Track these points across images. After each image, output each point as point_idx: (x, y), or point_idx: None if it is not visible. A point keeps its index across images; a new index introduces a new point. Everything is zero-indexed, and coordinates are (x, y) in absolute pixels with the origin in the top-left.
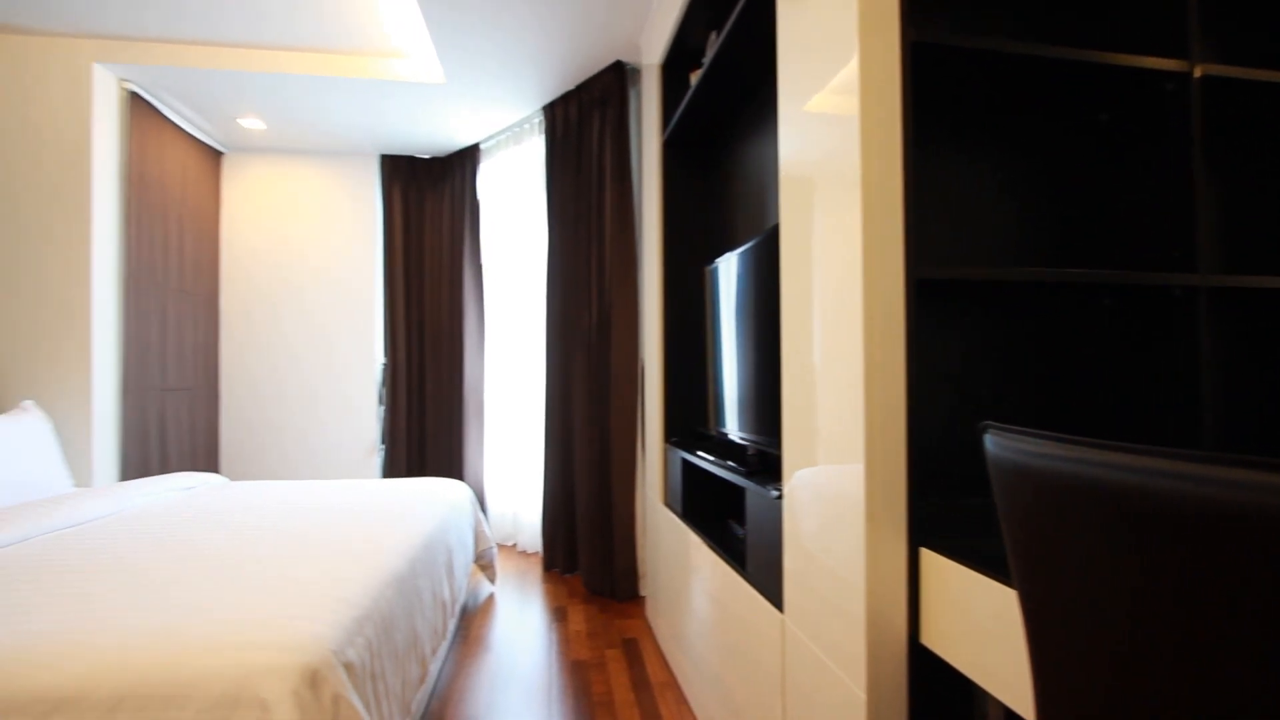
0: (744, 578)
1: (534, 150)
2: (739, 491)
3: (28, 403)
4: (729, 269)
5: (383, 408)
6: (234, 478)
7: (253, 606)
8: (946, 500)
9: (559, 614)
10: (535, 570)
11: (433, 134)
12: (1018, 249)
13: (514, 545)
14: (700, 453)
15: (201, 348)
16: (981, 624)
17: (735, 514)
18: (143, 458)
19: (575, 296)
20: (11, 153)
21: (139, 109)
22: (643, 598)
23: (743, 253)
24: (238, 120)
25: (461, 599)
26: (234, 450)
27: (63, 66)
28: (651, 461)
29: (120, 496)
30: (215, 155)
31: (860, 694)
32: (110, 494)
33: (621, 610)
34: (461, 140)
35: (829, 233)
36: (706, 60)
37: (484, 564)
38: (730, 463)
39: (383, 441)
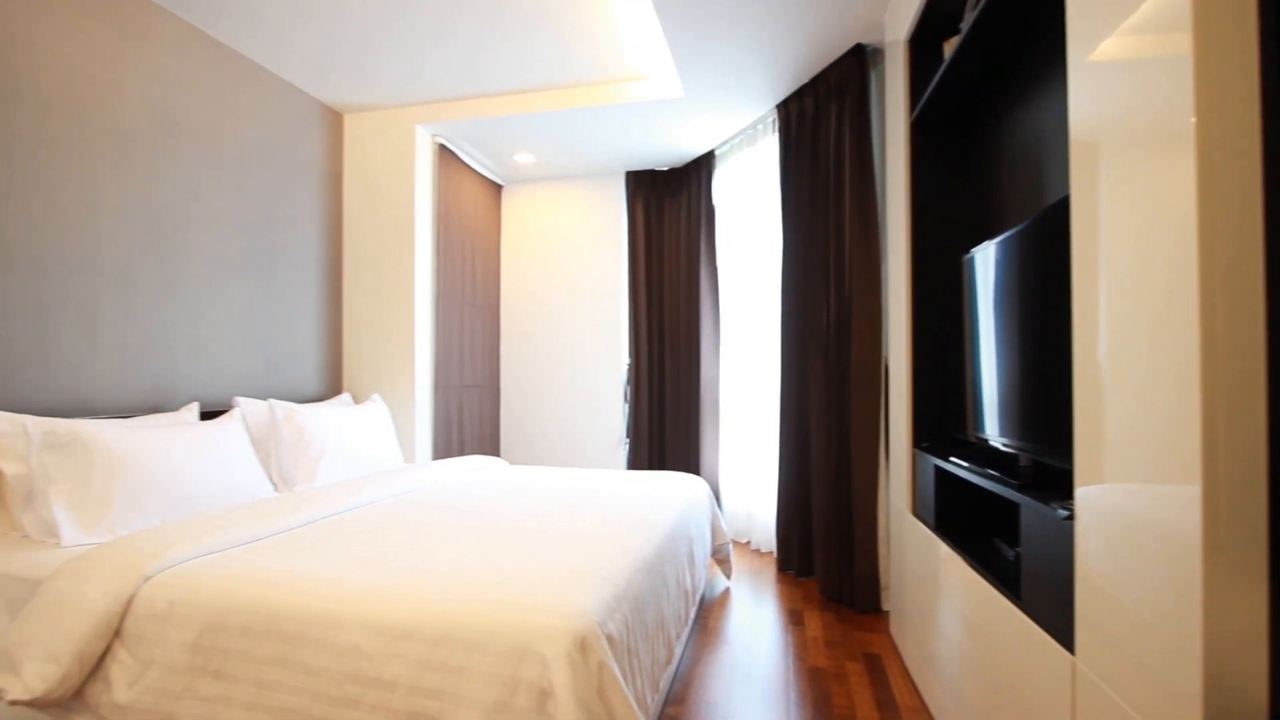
0: (1018, 606)
1: (768, 150)
2: (1007, 506)
3: (375, 396)
4: (987, 258)
5: (627, 405)
6: (511, 462)
7: (531, 574)
8: None
9: (794, 617)
10: (769, 570)
11: (671, 146)
12: None
13: (748, 543)
14: (955, 459)
15: (487, 351)
16: None
17: (1002, 531)
18: (447, 442)
19: (812, 294)
20: (364, 203)
21: (444, 157)
22: (886, 612)
23: (1008, 238)
24: (514, 156)
25: (700, 589)
26: (511, 438)
27: (396, 131)
28: (897, 467)
29: (434, 473)
30: (496, 188)
31: None
32: (428, 470)
33: (862, 622)
34: (697, 149)
35: (1145, 204)
36: (966, 23)
37: (720, 558)
38: (994, 472)
39: (627, 435)
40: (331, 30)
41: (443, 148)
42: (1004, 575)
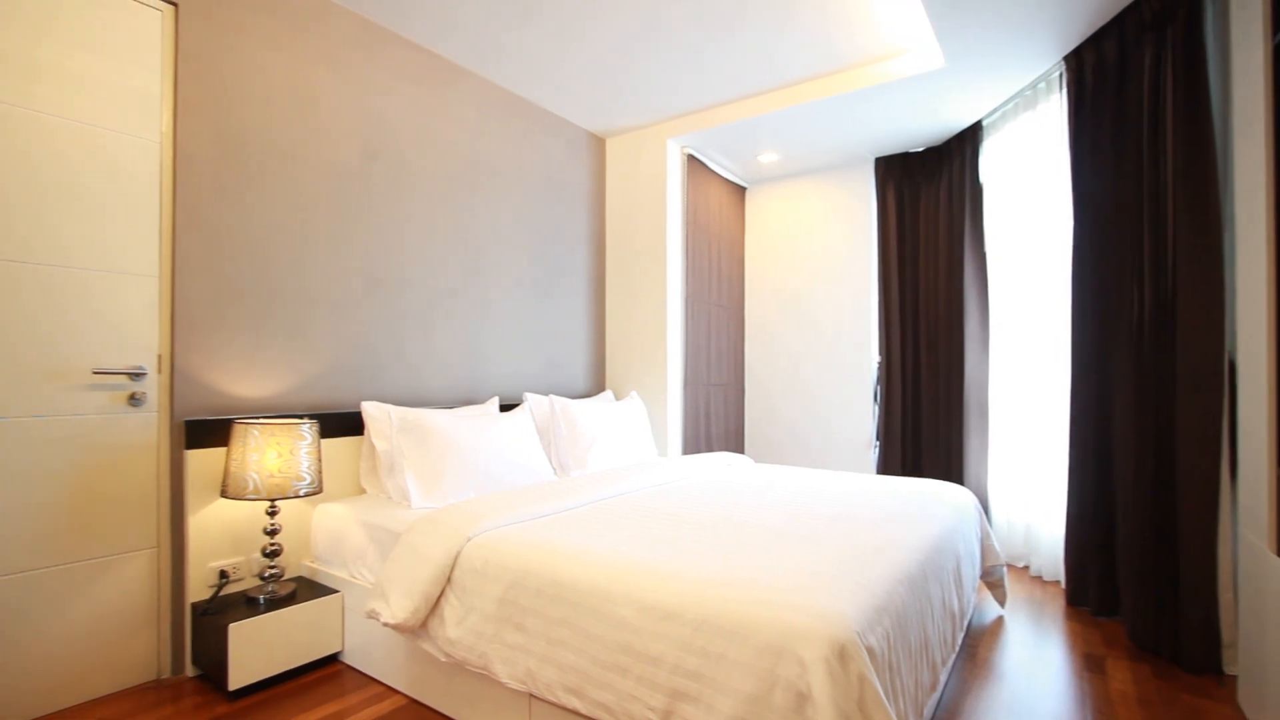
0: None
1: (1051, 112)
2: None
3: (633, 393)
4: None
5: (877, 405)
6: (755, 459)
7: (785, 573)
8: None
9: (1092, 663)
10: (1055, 603)
11: (928, 124)
12: None
13: (1025, 567)
14: None
15: (732, 350)
16: None
17: None
18: (695, 437)
19: (1116, 278)
20: (622, 218)
21: (693, 166)
22: (1230, 676)
23: None
24: (758, 157)
25: (969, 614)
26: (755, 435)
27: (650, 148)
28: (1253, 491)
29: (687, 466)
30: (740, 190)
31: None
32: (681, 463)
33: (1193, 684)
34: (959, 122)
35: None
36: None
37: (991, 581)
38: None
39: (877, 438)
40: (595, 64)
41: (691, 158)
42: None
